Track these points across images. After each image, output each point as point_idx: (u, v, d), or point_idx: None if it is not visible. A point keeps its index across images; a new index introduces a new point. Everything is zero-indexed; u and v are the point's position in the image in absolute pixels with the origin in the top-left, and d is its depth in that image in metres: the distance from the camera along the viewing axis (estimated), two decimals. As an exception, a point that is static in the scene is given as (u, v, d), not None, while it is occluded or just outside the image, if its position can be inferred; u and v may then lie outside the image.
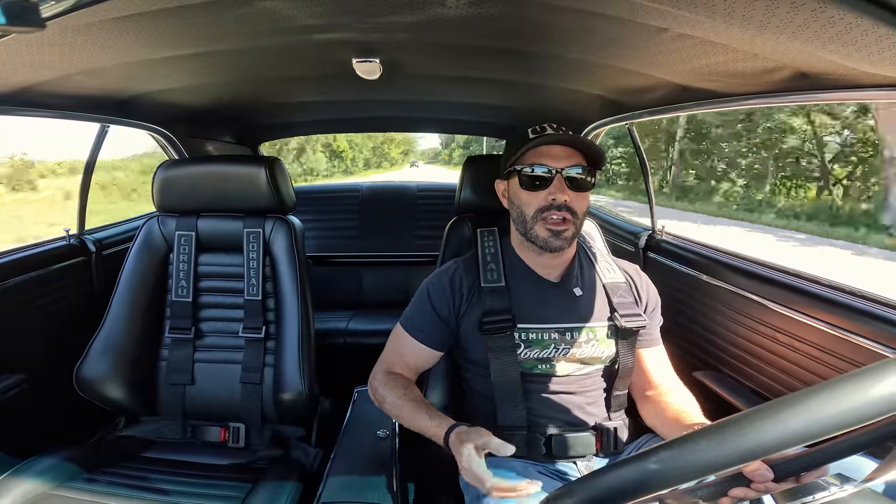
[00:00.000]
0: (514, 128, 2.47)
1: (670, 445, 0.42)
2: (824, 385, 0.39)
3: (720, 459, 0.40)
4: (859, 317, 1.02)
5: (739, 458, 0.39)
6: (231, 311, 1.44)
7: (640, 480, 0.42)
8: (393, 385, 1.02)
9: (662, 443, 0.43)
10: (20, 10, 0.49)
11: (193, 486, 1.16)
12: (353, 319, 2.31)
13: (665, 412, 0.97)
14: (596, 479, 0.44)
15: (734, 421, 0.40)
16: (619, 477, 0.43)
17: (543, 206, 0.98)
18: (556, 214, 0.97)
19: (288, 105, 2.03)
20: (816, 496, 0.46)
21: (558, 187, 0.97)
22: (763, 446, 0.38)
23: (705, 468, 0.40)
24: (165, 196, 1.42)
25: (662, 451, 0.42)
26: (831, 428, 0.38)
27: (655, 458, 0.42)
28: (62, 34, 0.86)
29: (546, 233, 0.98)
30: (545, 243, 0.99)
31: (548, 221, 0.98)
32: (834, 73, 0.83)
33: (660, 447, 0.43)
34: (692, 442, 0.41)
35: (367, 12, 0.90)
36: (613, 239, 2.05)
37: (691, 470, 0.40)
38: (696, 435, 0.41)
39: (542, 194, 0.98)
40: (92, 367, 1.32)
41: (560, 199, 0.96)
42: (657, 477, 0.41)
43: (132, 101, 1.52)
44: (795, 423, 0.38)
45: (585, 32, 0.96)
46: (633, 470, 0.43)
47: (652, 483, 0.41)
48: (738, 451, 0.39)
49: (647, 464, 0.42)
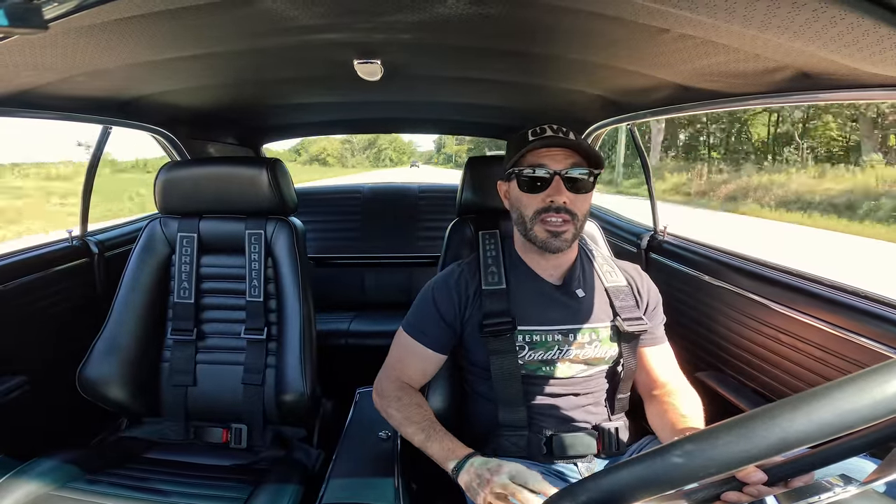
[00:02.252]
0: (516, 128, 2.48)
1: (662, 451, 0.42)
2: (823, 388, 0.38)
3: (717, 462, 0.39)
4: (862, 317, 1.02)
5: (745, 461, 0.39)
6: (233, 313, 1.45)
7: (637, 483, 0.42)
8: (405, 403, 1.01)
9: (658, 447, 0.43)
10: (23, 12, 0.49)
11: (195, 487, 1.16)
12: (355, 320, 2.31)
13: (666, 415, 0.97)
14: (595, 481, 0.44)
15: (727, 426, 0.40)
16: (616, 479, 0.43)
17: (542, 207, 0.98)
18: (555, 216, 0.97)
19: (289, 106, 2.04)
20: (821, 497, 0.46)
21: (557, 189, 0.96)
22: (746, 455, 0.38)
23: (705, 470, 0.40)
24: (168, 197, 1.43)
25: (655, 455, 0.42)
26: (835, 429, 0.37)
27: (649, 461, 0.42)
28: (65, 36, 0.86)
29: (545, 234, 0.98)
30: (544, 244, 0.99)
31: (546, 223, 0.98)
32: (836, 73, 0.83)
33: (654, 450, 0.42)
34: (686, 445, 0.41)
35: (369, 12, 0.91)
36: (615, 240, 2.05)
37: (689, 474, 0.40)
38: (690, 439, 0.41)
39: (541, 196, 0.98)
40: (94, 369, 1.32)
41: (558, 200, 0.96)
42: (660, 478, 0.41)
43: (134, 103, 1.53)
44: (775, 430, 0.37)
45: (586, 33, 0.96)
46: (628, 473, 0.42)
47: (654, 484, 0.41)
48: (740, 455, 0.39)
49: (642, 466, 0.42)
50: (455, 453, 0.88)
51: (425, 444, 0.93)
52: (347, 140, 47.79)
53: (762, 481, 0.52)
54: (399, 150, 56.88)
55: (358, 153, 50.64)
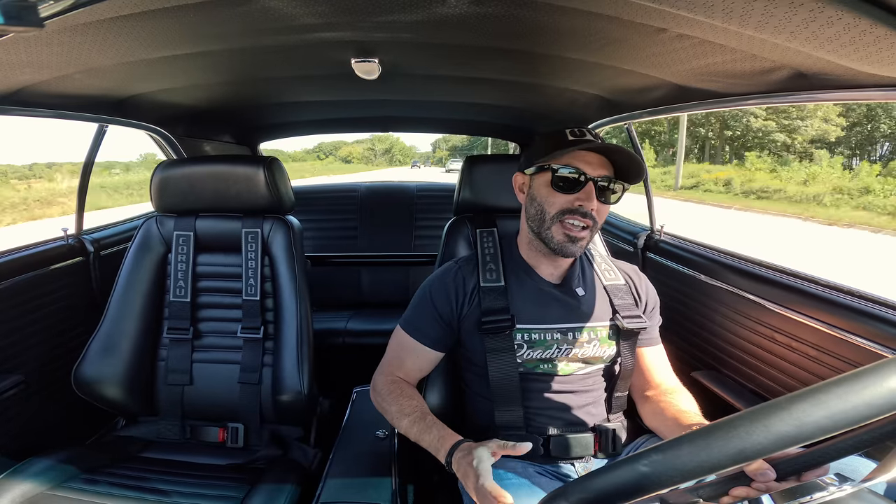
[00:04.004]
0: (514, 128, 2.49)
1: (662, 448, 0.42)
2: (811, 389, 0.39)
3: (707, 462, 0.40)
4: (857, 317, 1.03)
5: (729, 461, 0.39)
6: (229, 312, 1.44)
7: (634, 482, 0.42)
8: (398, 395, 1.00)
9: (656, 444, 0.43)
10: (18, 10, 0.49)
11: (192, 486, 1.16)
12: (352, 319, 2.31)
13: (664, 413, 0.97)
14: (589, 481, 0.44)
15: (719, 425, 0.40)
16: (611, 479, 0.43)
17: (568, 208, 0.96)
18: (580, 221, 0.96)
19: (287, 105, 2.03)
20: (815, 496, 0.46)
21: (588, 195, 0.95)
22: (747, 451, 0.38)
23: (694, 471, 0.40)
24: (163, 196, 1.42)
25: (653, 454, 0.42)
26: (819, 431, 0.37)
27: (647, 460, 0.42)
28: (60, 34, 0.86)
29: (563, 237, 0.97)
30: (560, 247, 0.98)
31: (567, 226, 0.96)
32: (832, 73, 0.83)
33: (651, 449, 0.43)
34: (685, 444, 0.41)
35: (367, 11, 0.90)
36: (612, 239, 2.05)
37: (681, 473, 0.40)
38: (688, 437, 0.41)
39: (571, 197, 0.96)
40: (90, 368, 1.32)
41: (588, 206, 0.95)
42: (649, 479, 0.41)
43: (130, 101, 1.52)
44: (784, 426, 0.38)
45: (584, 32, 0.96)
46: (625, 472, 0.43)
47: (644, 485, 0.41)
48: (727, 454, 0.39)
49: (639, 466, 0.42)
50: (445, 443, 0.86)
51: (420, 437, 0.91)
52: (370, 148, 68.05)
53: (771, 477, 0.52)
54: (403, 153, 72.09)
55: (379, 157, 68.67)
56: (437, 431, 0.89)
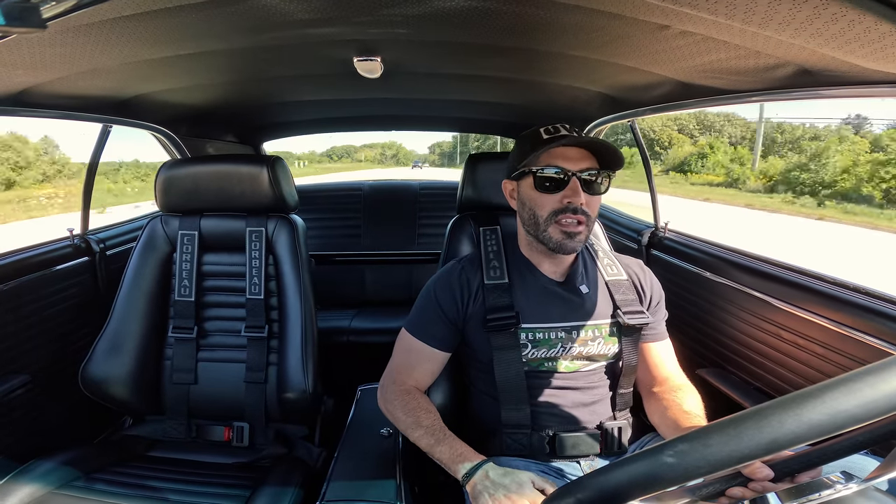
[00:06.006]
0: (516, 125, 2.48)
1: (688, 438, 0.41)
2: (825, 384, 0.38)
3: (737, 452, 0.39)
4: (864, 314, 1.02)
5: (762, 451, 0.38)
6: (234, 311, 1.45)
7: (657, 474, 0.41)
8: (414, 407, 0.99)
9: (682, 434, 0.43)
10: (21, 11, 0.49)
11: (198, 485, 1.17)
12: (356, 318, 2.31)
13: (667, 412, 0.97)
14: (592, 479, 0.44)
15: (749, 414, 0.40)
16: (633, 470, 0.43)
17: (558, 208, 0.96)
18: (572, 217, 0.95)
19: (290, 104, 2.03)
20: (822, 493, 0.45)
21: (574, 190, 0.95)
22: (780, 440, 0.38)
23: (724, 461, 0.40)
24: (168, 196, 1.43)
25: (680, 444, 0.41)
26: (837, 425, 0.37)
27: (672, 450, 0.41)
28: (63, 35, 0.86)
29: (560, 235, 0.97)
30: (559, 245, 0.98)
31: (562, 224, 0.96)
32: (836, 70, 0.83)
33: (677, 439, 0.42)
34: (714, 433, 0.40)
35: (367, 5, 0.90)
36: (616, 236, 2.05)
37: (710, 464, 0.40)
38: (717, 426, 0.40)
39: (557, 196, 0.96)
40: (97, 367, 1.33)
41: (576, 202, 0.95)
42: (675, 470, 0.41)
43: (134, 101, 1.53)
44: (817, 415, 0.37)
45: (587, 29, 0.96)
46: (648, 464, 0.42)
47: (669, 477, 0.41)
48: (759, 444, 0.38)
49: (664, 457, 0.41)
50: (467, 458, 0.86)
51: (433, 448, 0.91)
52: (382, 153, 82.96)
53: (768, 477, 0.52)
54: (405, 157, 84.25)
55: (388, 160, 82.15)
56: (458, 447, 0.89)
